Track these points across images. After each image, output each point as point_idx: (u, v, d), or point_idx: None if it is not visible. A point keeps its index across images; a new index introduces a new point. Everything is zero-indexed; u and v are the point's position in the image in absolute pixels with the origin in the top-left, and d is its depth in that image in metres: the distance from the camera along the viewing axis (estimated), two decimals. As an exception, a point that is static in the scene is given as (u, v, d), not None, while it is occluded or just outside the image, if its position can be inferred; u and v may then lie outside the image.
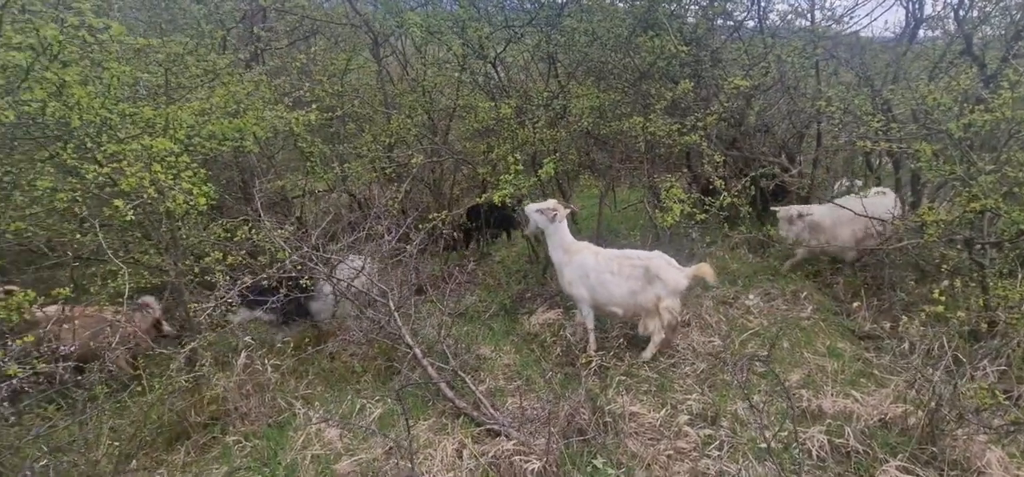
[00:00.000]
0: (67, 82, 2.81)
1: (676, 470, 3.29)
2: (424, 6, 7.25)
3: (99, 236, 3.09)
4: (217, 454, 3.87)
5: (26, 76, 2.66)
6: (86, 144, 3.09)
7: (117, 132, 3.18)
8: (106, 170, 3.00)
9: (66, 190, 3.24)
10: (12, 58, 2.64)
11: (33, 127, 3.17)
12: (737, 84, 4.79)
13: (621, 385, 4.14)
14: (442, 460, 3.47)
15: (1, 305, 2.86)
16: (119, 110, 3.20)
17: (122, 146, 3.10)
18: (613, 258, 4.55)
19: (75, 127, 2.94)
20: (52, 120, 2.92)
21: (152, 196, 2.95)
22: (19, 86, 2.70)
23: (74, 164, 3.00)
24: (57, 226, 3.85)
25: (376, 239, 4.98)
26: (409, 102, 6.55)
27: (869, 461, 3.13)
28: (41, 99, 2.77)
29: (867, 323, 4.68)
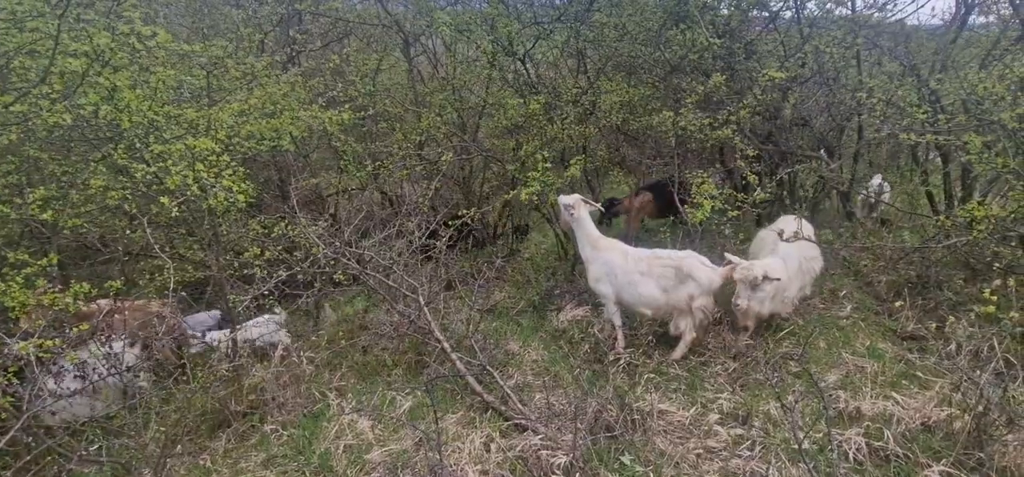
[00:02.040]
0: (118, 86, 2.98)
1: (706, 469, 3.24)
2: (454, 5, 7.33)
3: (147, 232, 3.26)
4: (256, 442, 4.02)
5: (82, 81, 2.83)
6: (135, 145, 3.27)
7: (163, 133, 3.35)
8: (153, 169, 3.17)
9: (117, 188, 3.43)
10: (69, 64, 2.82)
11: (86, 129, 3.37)
12: (772, 76, 4.67)
13: (650, 383, 4.10)
14: (470, 453, 3.51)
15: (57, 296, 3.04)
16: (164, 112, 3.37)
17: (167, 146, 3.26)
18: (643, 258, 4.47)
19: (125, 128, 3.12)
20: (104, 122, 3.10)
21: (195, 193, 3.10)
22: (75, 90, 2.88)
23: (125, 163, 3.17)
24: (109, 223, 4.07)
25: (407, 235, 5.08)
26: (439, 100, 6.63)
27: (910, 466, 3.01)
28: (95, 102, 2.95)
29: (910, 323, 4.49)
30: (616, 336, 4.64)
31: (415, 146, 6.64)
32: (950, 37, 5.49)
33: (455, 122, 7.03)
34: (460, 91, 6.84)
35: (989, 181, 5.12)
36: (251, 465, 3.75)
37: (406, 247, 5.01)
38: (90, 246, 4.91)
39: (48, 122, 2.83)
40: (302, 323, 5.63)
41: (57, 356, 2.41)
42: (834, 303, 4.97)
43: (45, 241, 4.03)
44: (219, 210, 3.63)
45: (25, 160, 3.82)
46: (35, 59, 3.10)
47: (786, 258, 4.33)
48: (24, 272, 3.09)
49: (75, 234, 3.76)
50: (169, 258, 3.57)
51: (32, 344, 2.30)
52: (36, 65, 3.08)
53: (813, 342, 4.36)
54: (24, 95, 2.82)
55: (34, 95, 2.86)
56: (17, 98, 2.78)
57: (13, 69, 3.12)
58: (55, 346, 2.41)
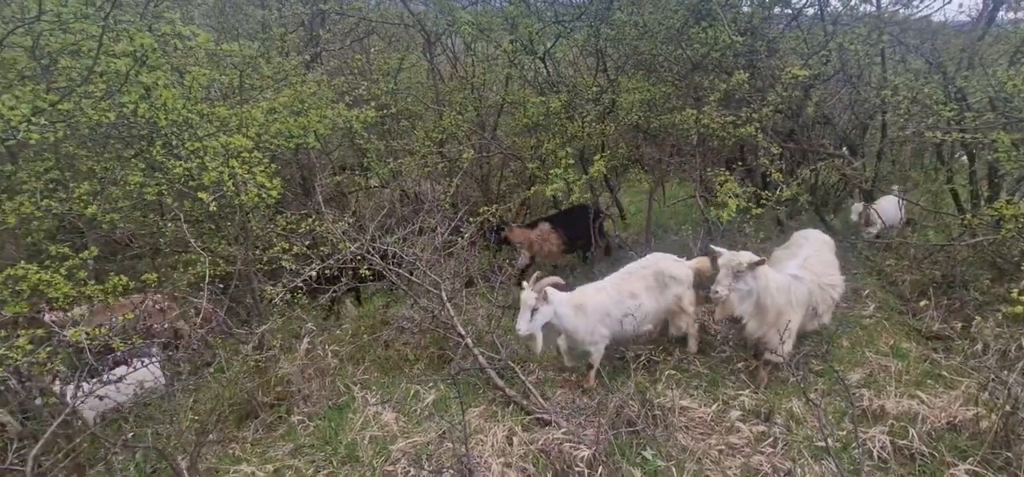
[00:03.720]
0: (156, 85, 3.09)
1: (727, 465, 3.26)
2: (475, 4, 7.39)
3: (183, 226, 3.37)
4: (283, 432, 4.12)
5: (125, 80, 2.95)
6: (171, 142, 3.38)
7: (197, 130, 3.46)
8: (190, 165, 3.28)
9: (152, 185, 3.55)
10: (113, 64, 2.94)
11: (124, 127, 3.49)
12: (794, 74, 4.64)
13: (670, 379, 4.12)
14: (493, 445, 3.57)
15: (99, 289, 3.17)
16: (198, 110, 3.48)
17: (201, 143, 3.37)
18: (620, 282, 4.18)
19: (162, 126, 3.23)
20: (142, 120, 3.22)
21: (230, 189, 3.20)
22: (119, 90, 3.00)
23: (161, 160, 3.29)
24: (142, 218, 4.20)
25: (429, 232, 5.16)
26: (459, 99, 6.70)
27: (935, 464, 3.00)
28: (134, 101, 3.06)
29: (935, 323, 4.45)
30: (591, 375, 4.21)
31: (436, 144, 6.72)
32: (978, 34, 5.40)
33: (475, 120, 7.10)
34: (480, 90, 6.90)
35: (1017, 180, 5.03)
36: (279, 454, 3.85)
37: (428, 243, 5.09)
38: (120, 242, 5.07)
39: (92, 120, 2.95)
40: (324, 318, 5.76)
41: (104, 344, 2.52)
42: (857, 302, 4.93)
43: (81, 235, 4.18)
44: (249, 206, 3.74)
45: (64, 157, 3.98)
46: (77, 59, 3.23)
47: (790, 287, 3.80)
48: (66, 264, 3.22)
49: (108, 230, 3.88)
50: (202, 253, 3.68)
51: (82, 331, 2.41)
52: (79, 65, 3.21)
53: (836, 341, 4.33)
54: (68, 94, 2.95)
55: (78, 94, 2.98)
56: (62, 97, 2.91)
57: (59, 69, 3.25)
58: (101, 334, 2.52)
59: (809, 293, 3.84)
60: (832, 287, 4.02)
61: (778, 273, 3.81)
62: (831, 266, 4.13)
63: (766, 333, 3.73)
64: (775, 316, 3.64)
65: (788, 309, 3.69)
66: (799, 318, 3.80)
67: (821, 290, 3.92)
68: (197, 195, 3.22)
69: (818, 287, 3.90)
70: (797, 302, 3.75)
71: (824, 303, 3.98)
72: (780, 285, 3.68)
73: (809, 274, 3.89)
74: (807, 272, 3.90)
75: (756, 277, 3.61)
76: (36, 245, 3.55)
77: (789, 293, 3.70)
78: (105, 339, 2.50)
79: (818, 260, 4.05)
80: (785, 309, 3.67)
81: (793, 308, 3.72)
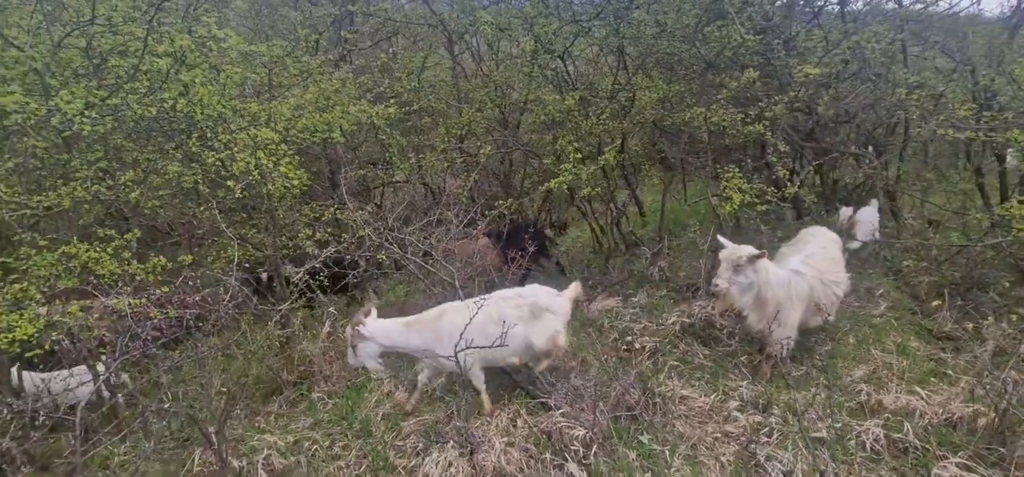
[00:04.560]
0: (193, 82, 3.39)
1: (722, 452, 3.36)
2: (496, 4, 7.58)
3: (216, 214, 3.67)
4: (304, 408, 4.41)
5: (166, 78, 3.26)
6: (206, 135, 3.69)
7: (229, 124, 3.76)
8: (222, 156, 3.57)
9: (189, 174, 3.87)
10: (156, 63, 3.25)
11: (164, 121, 3.82)
12: (807, 72, 4.66)
13: (673, 370, 4.22)
14: (497, 426, 3.75)
15: (141, 268, 3.49)
16: (231, 106, 3.78)
17: (232, 136, 3.66)
18: (490, 308, 3.90)
19: (198, 120, 3.54)
20: (181, 114, 3.52)
21: (256, 179, 3.48)
22: (161, 86, 3.31)
23: (197, 151, 3.59)
24: (180, 206, 4.55)
25: (446, 224, 5.37)
26: (481, 97, 6.90)
27: (928, 458, 3.04)
28: (173, 97, 3.37)
29: (948, 324, 4.41)
30: (482, 400, 4.00)
31: (457, 140, 6.94)
32: (1007, 31, 5.28)
33: (496, 118, 7.29)
34: (501, 87, 7.09)
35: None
36: (300, 427, 4.12)
37: (444, 235, 5.31)
38: (160, 229, 5.47)
39: (137, 114, 3.27)
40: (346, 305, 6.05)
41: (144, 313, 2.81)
42: (869, 301, 4.91)
43: (125, 221, 4.55)
44: (276, 195, 4.02)
45: (111, 148, 4.35)
46: (124, 58, 3.56)
47: (791, 281, 3.83)
48: (112, 246, 3.55)
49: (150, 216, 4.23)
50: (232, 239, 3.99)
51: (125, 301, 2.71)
52: (125, 64, 3.54)
53: (843, 338, 4.35)
54: (116, 90, 3.27)
55: (125, 90, 3.30)
56: (111, 93, 3.22)
57: (108, 68, 3.59)
58: (141, 305, 2.82)
59: (810, 288, 3.88)
60: (835, 284, 4.04)
61: (779, 268, 3.86)
62: (836, 263, 4.15)
63: (767, 326, 3.76)
64: (775, 309, 3.70)
65: (788, 303, 3.75)
66: (799, 312, 3.85)
67: (823, 286, 3.95)
68: (227, 184, 3.50)
69: (820, 283, 3.93)
70: (797, 296, 3.80)
71: (827, 299, 3.99)
72: (780, 279, 3.74)
73: (811, 270, 3.93)
74: (809, 268, 3.94)
75: (756, 270, 3.68)
76: (86, 228, 3.91)
77: (789, 287, 3.76)
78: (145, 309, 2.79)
79: (823, 257, 4.08)
80: (785, 303, 3.73)
81: (793, 302, 3.77)
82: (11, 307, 2.59)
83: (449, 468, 3.39)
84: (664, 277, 5.83)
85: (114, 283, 3.26)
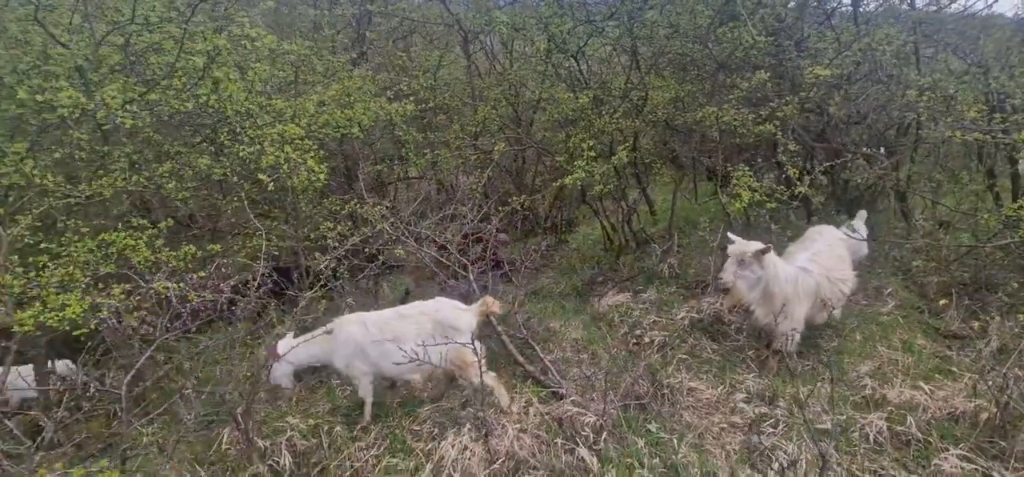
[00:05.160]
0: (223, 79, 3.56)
1: (727, 440, 3.47)
2: (511, 4, 7.70)
3: (245, 204, 3.85)
4: (322, 394, 4.59)
5: (202, 75, 3.43)
6: (235, 129, 3.87)
7: (256, 120, 3.93)
8: (252, 150, 3.75)
9: (218, 167, 4.05)
10: (193, 61, 3.43)
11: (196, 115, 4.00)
12: (817, 73, 4.73)
13: (681, 363, 4.33)
14: (510, 413, 3.89)
15: (173, 254, 3.67)
16: (258, 102, 3.95)
17: (261, 131, 3.84)
18: (386, 321, 3.94)
19: (229, 115, 3.71)
20: (212, 109, 3.70)
21: (286, 172, 3.65)
22: (196, 83, 3.48)
23: (229, 144, 3.77)
24: (209, 197, 4.74)
25: (460, 219, 5.52)
26: (495, 95, 7.03)
27: (930, 450, 3.12)
28: (206, 93, 3.54)
29: (955, 322, 4.47)
30: (364, 412, 4.06)
31: (471, 137, 7.08)
32: (1020, 33, 5.30)
33: (509, 115, 7.42)
34: (515, 86, 7.22)
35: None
36: (319, 411, 4.29)
37: (458, 229, 5.45)
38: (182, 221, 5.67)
39: (173, 108, 3.45)
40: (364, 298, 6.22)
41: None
42: (877, 300, 4.98)
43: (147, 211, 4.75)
44: (300, 188, 4.19)
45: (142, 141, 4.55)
46: (159, 55, 3.74)
47: (798, 277, 3.91)
48: (146, 234, 3.74)
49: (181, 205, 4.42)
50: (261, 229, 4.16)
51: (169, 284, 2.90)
52: (159, 60, 3.72)
53: (849, 335, 4.42)
54: (153, 86, 3.45)
55: (162, 86, 3.48)
56: (149, 89, 3.40)
57: (147, 65, 3.77)
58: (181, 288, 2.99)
59: (817, 285, 3.97)
60: (842, 281, 4.12)
61: (787, 264, 3.96)
62: (842, 261, 4.24)
63: (774, 320, 3.86)
64: (782, 304, 3.79)
65: (795, 299, 3.84)
66: (806, 308, 3.94)
67: (830, 283, 4.04)
68: (257, 176, 3.68)
69: (827, 280, 4.02)
70: (804, 293, 3.90)
71: (833, 296, 4.08)
72: (787, 275, 3.83)
73: (818, 267, 4.02)
74: (816, 265, 4.03)
75: (763, 266, 3.78)
76: (120, 216, 4.11)
77: (796, 283, 3.85)
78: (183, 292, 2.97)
79: (829, 255, 4.17)
80: (792, 299, 3.83)
81: (800, 298, 3.87)
82: (59, 289, 2.78)
83: (464, 451, 3.53)
84: (674, 274, 5.94)
85: (148, 269, 3.45)
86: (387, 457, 3.65)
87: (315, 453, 3.82)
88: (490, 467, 3.39)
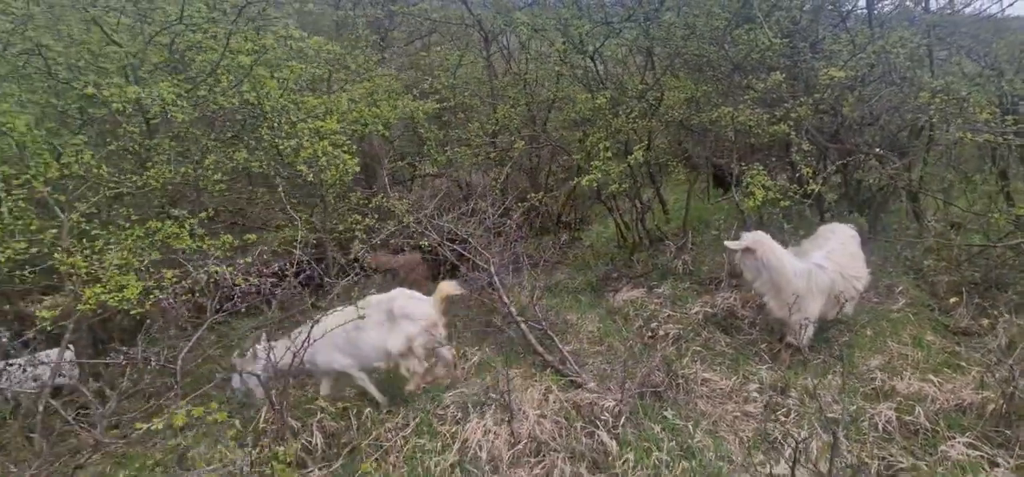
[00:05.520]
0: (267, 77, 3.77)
1: (741, 428, 3.61)
2: (530, 5, 7.87)
3: (282, 195, 4.06)
4: (349, 380, 4.78)
5: (248, 73, 3.64)
6: (272, 124, 4.07)
7: (290, 115, 4.13)
8: (292, 143, 3.96)
9: (255, 160, 4.26)
10: (240, 60, 3.63)
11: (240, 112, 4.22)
12: (831, 75, 4.85)
13: (696, 355, 4.48)
14: (530, 399, 4.06)
15: (213, 242, 3.88)
16: (293, 100, 4.15)
17: (295, 127, 4.04)
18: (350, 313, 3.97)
19: (267, 111, 3.91)
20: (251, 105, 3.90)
21: (324, 165, 3.85)
22: (243, 81, 3.69)
23: (269, 138, 3.98)
24: (244, 190, 4.97)
25: (480, 214, 5.69)
26: (513, 94, 7.20)
27: (937, 439, 3.25)
28: (249, 90, 3.75)
29: (965, 320, 4.57)
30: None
31: (489, 135, 7.26)
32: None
33: (526, 114, 7.59)
34: (532, 86, 7.38)
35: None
36: (348, 395, 4.49)
37: (479, 224, 5.62)
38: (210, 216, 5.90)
39: (219, 104, 3.66)
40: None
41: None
42: (888, 298, 5.08)
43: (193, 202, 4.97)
44: (330, 182, 4.39)
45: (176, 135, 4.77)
46: (201, 54, 3.95)
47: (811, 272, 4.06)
48: (188, 223, 3.95)
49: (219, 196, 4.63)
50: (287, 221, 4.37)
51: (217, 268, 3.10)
52: (202, 59, 3.93)
53: (860, 331, 4.54)
54: (198, 84, 3.65)
55: (208, 83, 3.68)
56: (195, 86, 3.61)
57: (195, 64, 3.98)
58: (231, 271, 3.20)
59: (832, 282, 4.10)
60: (856, 279, 4.25)
61: (799, 260, 4.10)
62: (856, 259, 4.36)
63: (786, 313, 4.00)
64: (792, 298, 3.93)
65: (808, 295, 3.98)
66: (820, 304, 4.08)
67: (844, 280, 4.17)
68: (297, 168, 3.89)
69: (841, 277, 4.15)
70: (818, 289, 4.03)
71: (847, 293, 4.21)
72: (797, 270, 3.97)
73: (832, 264, 4.15)
74: (830, 262, 4.16)
75: (758, 260, 3.95)
76: (161, 207, 4.33)
77: (809, 279, 3.99)
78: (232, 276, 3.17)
79: (843, 252, 4.29)
80: (805, 293, 3.97)
81: (813, 294, 4.01)
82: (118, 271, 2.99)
83: (488, 433, 3.70)
84: (688, 270, 6.07)
85: (191, 256, 3.66)
86: (414, 438, 3.83)
87: (345, 434, 4.01)
88: (513, 448, 3.56)
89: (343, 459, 3.74)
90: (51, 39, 3.43)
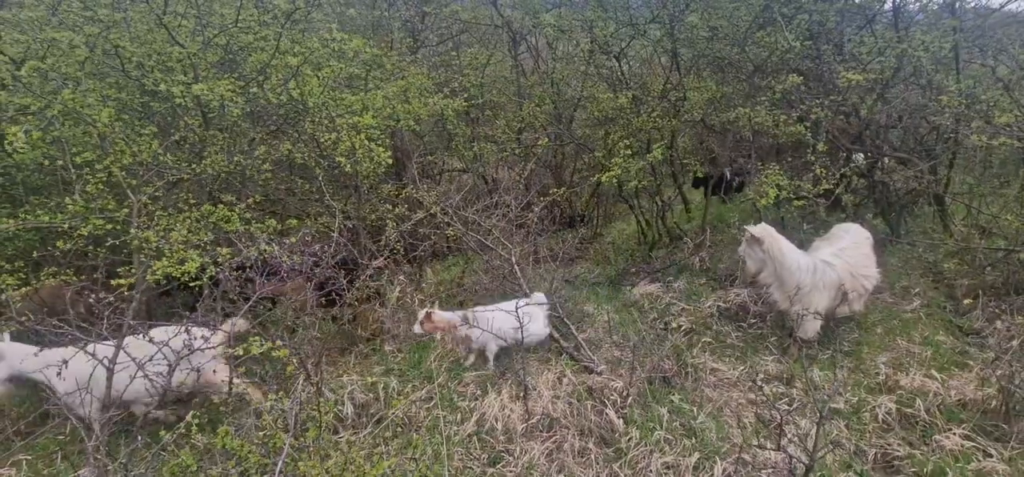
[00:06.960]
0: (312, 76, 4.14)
1: (745, 415, 3.79)
2: (558, 7, 8.10)
3: (322, 184, 4.43)
4: (376, 360, 5.13)
5: (296, 73, 4.02)
6: (315, 119, 4.44)
7: (330, 111, 4.49)
8: (330, 137, 4.32)
9: (298, 152, 4.65)
10: (287, 61, 4.00)
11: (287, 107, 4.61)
12: (849, 78, 4.93)
13: (706, 347, 4.66)
14: (545, 381, 4.32)
15: (259, 225, 4.27)
16: (332, 96, 4.51)
17: (333, 121, 4.40)
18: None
19: (310, 106, 4.28)
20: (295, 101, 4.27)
21: (363, 156, 4.20)
22: (291, 79, 4.07)
23: (312, 132, 4.36)
24: (286, 179, 5.38)
25: (503, 207, 5.97)
26: (539, 93, 7.45)
27: (935, 430, 3.37)
28: (296, 88, 4.12)
29: (978, 321, 4.61)
30: None
31: (515, 132, 7.53)
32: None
33: (552, 113, 7.83)
34: (558, 85, 7.62)
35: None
36: (375, 373, 4.84)
37: (502, 217, 5.90)
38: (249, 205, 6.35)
39: (269, 101, 4.04)
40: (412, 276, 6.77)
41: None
42: (903, 298, 5.14)
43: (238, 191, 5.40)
44: (364, 174, 4.74)
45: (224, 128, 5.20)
46: (255, 54, 4.34)
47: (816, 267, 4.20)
48: (237, 208, 4.35)
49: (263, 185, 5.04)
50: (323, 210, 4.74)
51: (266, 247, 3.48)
52: (256, 60, 4.33)
53: (870, 328, 4.63)
54: (249, 82, 4.04)
55: (259, 82, 4.07)
56: (247, 83, 4.00)
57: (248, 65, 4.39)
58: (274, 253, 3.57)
59: (840, 279, 4.22)
60: (865, 278, 4.36)
61: (804, 254, 4.24)
62: (867, 258, 4.46)
63: (791, 307, 4.14)
64: (796, 290, 4.08)
65: (814, 288, 4.12)
66: (826, 300, 4.21)
67: (853, 278, 4.28)
68: (336, 159, 4.25)
69: (850, 275, 4.27)
70: (825, 284, 4.16)
71: (855, 291, 4.32)
72: (802, 264, 4.12)
73: (842, 262, 4.27)
74: (840, 260, 4.27)
75: (765, 250, 4.10)
76: (211, 193, 4.76)
77: (815, 274, 4.12)
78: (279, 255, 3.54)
79: (854, 252, 4.40)
80: (810, 288, 4.11)
81: (820, 289, 4.14)
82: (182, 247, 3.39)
83: (504, 409, 3.98)
84: (705, 267, 6.22)
85: (240, 237, 4.05)
86: (436, 410, 4.14)
87: (373, 405, 4.36)
88: (527, 422, 3.83)
89: (371, 427, 4.08)
90: (128, 42, 3.87)
